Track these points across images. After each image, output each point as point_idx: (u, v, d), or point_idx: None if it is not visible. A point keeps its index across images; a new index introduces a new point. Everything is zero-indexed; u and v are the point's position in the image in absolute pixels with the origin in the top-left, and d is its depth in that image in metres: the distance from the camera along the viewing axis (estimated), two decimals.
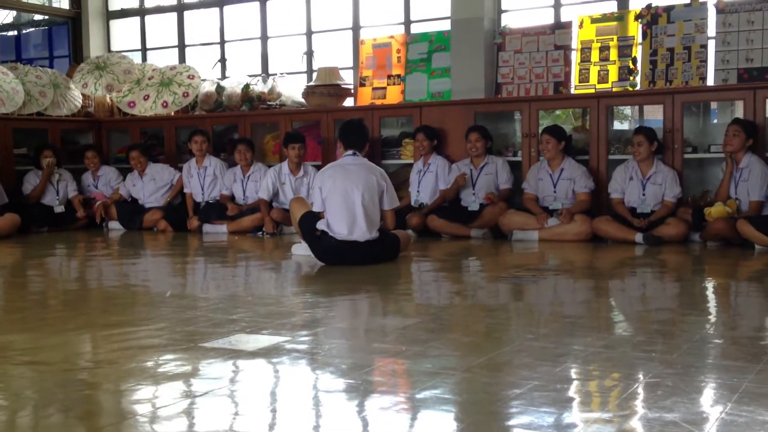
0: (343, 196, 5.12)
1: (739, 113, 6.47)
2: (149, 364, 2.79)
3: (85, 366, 2.84)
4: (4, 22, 11.24)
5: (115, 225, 8.25)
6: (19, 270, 5.74)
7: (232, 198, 7.94)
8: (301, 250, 5.65)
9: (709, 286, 4.57)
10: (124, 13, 10.31)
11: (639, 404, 2.27)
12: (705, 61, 6.67)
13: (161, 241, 7.21)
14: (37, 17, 11.53)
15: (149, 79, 9.14)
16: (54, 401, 2.38)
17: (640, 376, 2.54)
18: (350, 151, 5.33)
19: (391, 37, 8.23)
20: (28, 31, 12.20)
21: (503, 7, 7.76)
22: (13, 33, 12.11)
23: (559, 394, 2.35)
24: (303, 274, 5.08)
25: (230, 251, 6.50)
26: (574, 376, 2.58)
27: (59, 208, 8.17)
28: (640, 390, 2.39)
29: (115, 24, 10.39)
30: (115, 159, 9.22)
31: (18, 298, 4.41)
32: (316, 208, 5.29)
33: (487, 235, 6.73)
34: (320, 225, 5.18)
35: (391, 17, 8.49)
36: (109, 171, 8.63)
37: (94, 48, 10.14)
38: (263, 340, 3.07)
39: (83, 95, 9.20)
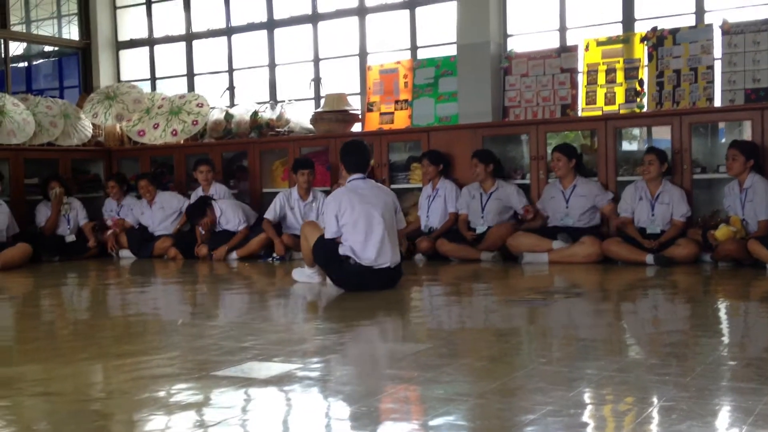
0: (367, 221, 5.01)
1: (747, 134, 6.48)
2: (161, 393, 2.79)
3: (97, 396, 2.84)
4: (15, 53, 11.37)
5: (126, 253, 8.28)
6: (32, 300, 5.76)
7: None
8: (301, 275, 5.60)
9: (722, 307, 4.55)
10: (133, 43, 10.41)
11: (654, 429, 2.26)
12: (712, 82, 6.68)
13: (171, 269, 7.23)
14: (47, 48, 11.66)
15: (159, 107, 9.21)
16: None
17: (654, 399, 2.52)
18: (357, 175, 5.23)
19: (398, 62, 8.29)
20: (38, 62, 12.34)
21: (509, 32, 7.81)
22: (23, 64, 12.24)
23: (573, 419, 2.34)
24: (313, 301, 5.08)
25: (240, 278, 6.50)
26: (587, 400, 2.57)
27: (70, 238, 8.21)
28: (655, 414, 2.38)
29: (125, 54, 10.49)
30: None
31: (30, 328, 4.42)
32: (329, 235, 5.14)
33: (497, 258, 6.72)
34: (344, 251, 5.06)
35: (397, 43, 8.55)
36: (131, 200, 8.62)
37: (104, 78, 10.24)
38: (275, 368, 3.07)
39: (93, 125, 9.28)
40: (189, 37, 9.98)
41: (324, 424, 2.44)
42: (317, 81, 9.07)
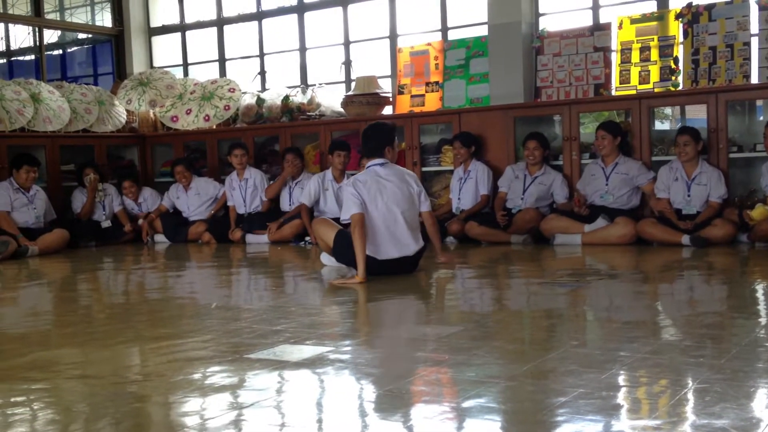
0: (383, 217, 4.92)
1: None
2: (196, 376, 2.83)
3: (134, 379, 2.89)
4: (50, 41, 11.51)
5: (160, 238, 8.38)
6: (69, 284, 5.86)
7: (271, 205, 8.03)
8: (330, 260, 5.55)
9: (758, 288, 4.48)
10: (165, 30, 10.48)
11: (687, 411, 2.24)
12: (748, 58, 6.55)
13: (206, 253, 7.30)
14: (81, 36, 11.79)
15: (191, 93, 9.28)
16: (105, 414, 2.43)
17: (689, 381, 2.50)
18: (376, 160, 5.06)
19: (429, 44, 8.24)
20: (72, 49, 12.48)
21: (541, 11, 7.72)
22: (58, 52, 12.40)
23: (605, 401, 2.32)
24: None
25: (273, 262, 6.55)
26: (620, 382, 2.55)
27: (106, 223, 8.33)
28: (689, 396, 2.35)
29: (157, 40, 10.57)
30: (159, 173, 9.38)
31: (68, 312, 4.50)
32: (354, 210, 4.87)
33: (528, 240, 6.68)
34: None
35: (427, 24, 8.50)
36: (148, 194, 8.73)
37: (137, 64, 10.33)
38: (307, 351, 3.09)
39: (127, 111, 9.38)
40: (220, 23, 10.02)
41: (356, 407, 2.46)
42: (348, 64, 9.06)
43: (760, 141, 6.29)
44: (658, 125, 7.41)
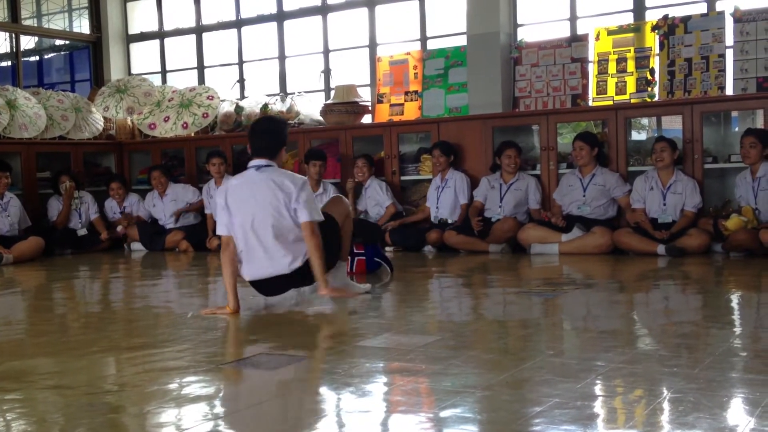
0: (251, 228, 4.25)
1: (760, 122, 6.43)
2: (172, 386, 2.81)
3: (109, 389, 2.86)
4: (27, 47, 11.43)
5: (137, 246, 8.32)
6: (44, 293, 5.81)
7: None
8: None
9: (733, 297, 4.53)
10: (143, 36, 10.44)
11: (662, 420, 2.26)
12: (723, 70, 6.63)
13: (182, 262, 7.26)
14: (59, 42, 11.72)
15: (169, 100, 9.24)
16: (79, 425, 2.40)
17: (663, 391, 2.52)
18: (258, 161, 4.36)
19: (408, 53, 8.27)
20: (49, 56, 12.41)
21: (519, 21, 7.78)
22: (35, 58, 12.31)
23: (580, 411, 2.34)
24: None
25: None
26: (596, 392, 2.57)
27: (82, 231, 8.27)
28: (663, 406, 2.37)
29: (135, 47, 10.52)
30: (136, 180, 9.32)
31: (42, 321, 4.45)
32: (220, 231, 4.34)
33: (506, 249, 6.71)
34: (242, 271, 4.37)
35: (407, 34, 8.53)
36: (134, 199, 8.68)
37: (115, 71, 10.27)
38: (284, 360, 3.08)
39: (105, 118, 9.32)
40: (199, 30, 9.99)
41: (333, 416, 2.46)
42: (327, 73, 9.07)
43: (734, 152, 6.37)
44: (636, 135, 7.48)
